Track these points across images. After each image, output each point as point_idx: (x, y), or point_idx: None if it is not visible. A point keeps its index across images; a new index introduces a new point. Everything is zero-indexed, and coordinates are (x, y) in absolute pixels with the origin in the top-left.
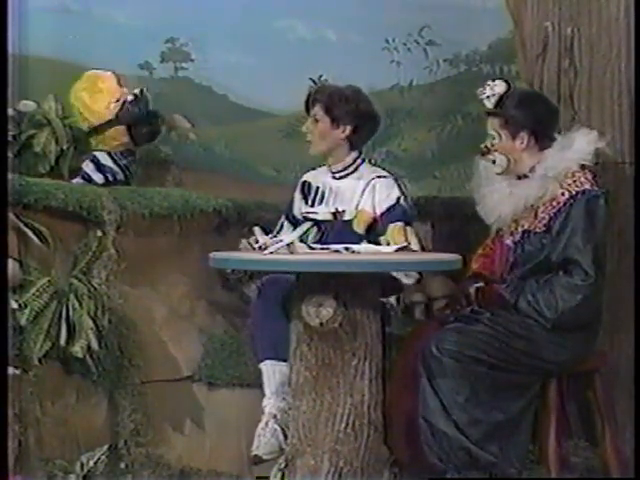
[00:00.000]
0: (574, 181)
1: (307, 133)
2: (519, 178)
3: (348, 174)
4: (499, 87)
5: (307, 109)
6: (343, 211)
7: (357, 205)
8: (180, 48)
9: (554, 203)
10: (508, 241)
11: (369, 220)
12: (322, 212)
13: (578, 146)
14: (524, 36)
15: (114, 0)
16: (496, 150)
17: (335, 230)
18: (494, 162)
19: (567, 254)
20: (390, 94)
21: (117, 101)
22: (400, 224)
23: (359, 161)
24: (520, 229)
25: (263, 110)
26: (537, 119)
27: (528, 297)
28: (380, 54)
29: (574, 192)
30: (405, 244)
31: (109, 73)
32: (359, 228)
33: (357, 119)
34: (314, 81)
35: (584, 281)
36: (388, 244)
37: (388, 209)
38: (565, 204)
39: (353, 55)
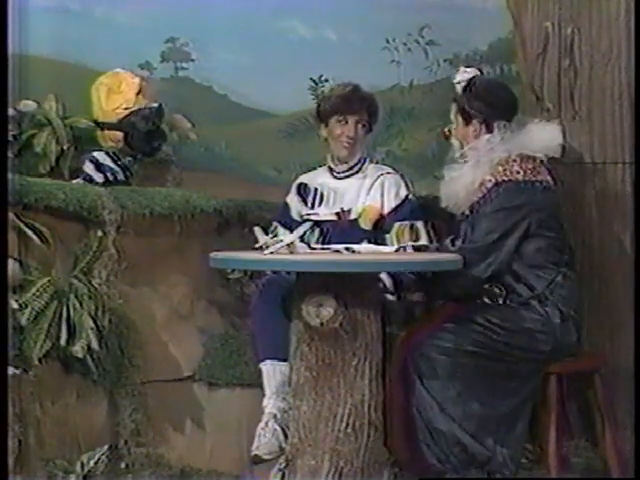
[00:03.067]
0: (504, 170)
1: (344, 135)
2: None
3: (352, 174)
4: (468, 74)
5: (337, 111)
6: (349, 210)
7: (363, 203)
8: (180, 48)
9: (482, 189)
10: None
11: (376, 216)
12: (323, 213)
13: (519, 137)
14: (524, 36)
15: (114, 0)
16: (453, 135)
17: (339, 230)
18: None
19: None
20: (390, 94)
21: (126, 109)
22: (406, 223)
23: (362, 160)
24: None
25: (263, 110)
26: (491, 108)
27: None
28: (380, 54)
29: (500, 180)
30: (410, 244)
31: (137, 79)
32: (366, 224)
33: (373, 121)
34: (314, 81)
35: (466, 246)
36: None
37: (396, 207)
38: (490, 191)
39: (353, 55)
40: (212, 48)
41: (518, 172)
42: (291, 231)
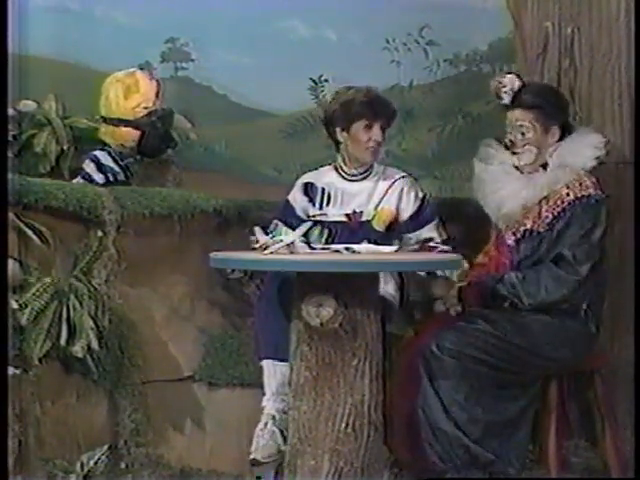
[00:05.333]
0: (580, 184)
1: (372, 140)
2: (529, 173)
3: (364, 177)
4: (517, 82)
5: (360, 116)
6: (361, 212)
7: (377, 205)
8: (180, 48)
9: (558, 202)
10: (510, 241)
11: (391, 218)
12: (332, 214)
13: (589, 146)
14: (524, 36)
15: (114, 0)
16: (527, 143)
17: (349, 231)
18: (514, 153)
19: (560, 250)
20: (390, 94)
21: (146, 108)
22: (435, 222)
23: (372, 164)
24: (522, 228)
25: (263, 110)
26: (564, 112)
27: (508, 285)
28: (380, 54)
29: (579, 195)
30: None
31: (154, 81)
32: (379, 226)
33: (391, 125)
34: (314, 81)
35: (569, 274)
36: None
37: (418, 210)
38: (570, 204)
39: (353, 55)
40: (212, 48)
41: (591, 187)
42: (295, 230)
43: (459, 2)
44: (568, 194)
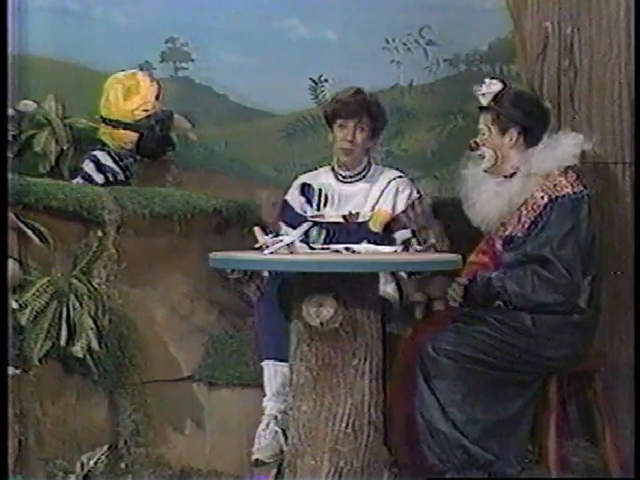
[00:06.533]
0: (554, 185)
1: (344, 140)
2: (505, 178)
3: (359, 179)
4: (496, 86)
5: (337, 116)
6: (357, 213)
7: (374, 206)
8: (180, 48)
9: (535, 207)
10: (498, 246)
11: (387, 219)
12: (329, 215)
13: (563, 148)
14: (524, 36)
15: (114, 0)
16: (484, 144)
17: (346, 232)
18: (482, 157)
19: (543, 252)
20: (390, 94)
21: (145, 111)
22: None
23: (368, 165)
24: (506, 234)
25: (263, 110)
26: (528, 117)
27: (497, 284)
28: (380, 54)
29: (554, 197)
30: (418, 248)
31: (155, 83)
32: (376, 227)
33: (377, 125)
34: (314, 81)
35: (560, 278)
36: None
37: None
38: (545, 207)
39: (353, 55)
40: (212, 48)
41: (567, 186)
42: (295, 228)
43: (459, 2)
44: (543, 197)
